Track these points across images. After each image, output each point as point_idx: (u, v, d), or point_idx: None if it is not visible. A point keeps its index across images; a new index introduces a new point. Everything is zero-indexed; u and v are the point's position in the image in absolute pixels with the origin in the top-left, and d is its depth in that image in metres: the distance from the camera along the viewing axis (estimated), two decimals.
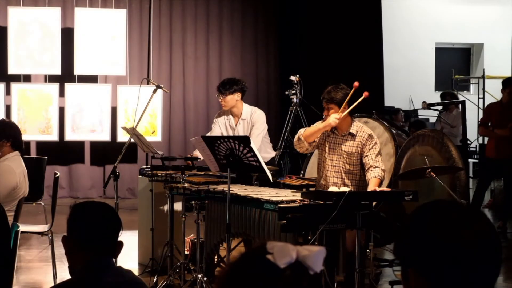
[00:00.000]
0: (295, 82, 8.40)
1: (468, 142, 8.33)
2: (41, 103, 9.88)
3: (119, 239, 2.51)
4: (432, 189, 5.32)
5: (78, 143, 10.24)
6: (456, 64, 15.06)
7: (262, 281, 1.16)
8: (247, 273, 1.18)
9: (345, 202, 3.99)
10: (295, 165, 8.53)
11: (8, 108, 9.82)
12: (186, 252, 5.55)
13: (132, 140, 5.57)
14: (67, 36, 10.02)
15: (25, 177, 4.88)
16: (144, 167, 6.56)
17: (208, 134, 6.02)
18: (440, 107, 10.65)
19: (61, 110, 9.94)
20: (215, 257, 5.45)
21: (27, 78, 10.07)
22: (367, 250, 5.10)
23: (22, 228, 5.05)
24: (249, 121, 5.99)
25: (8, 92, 9.81)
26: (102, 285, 2.40)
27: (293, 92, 8.48)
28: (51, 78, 10.02)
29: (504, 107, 7.88)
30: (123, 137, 9.77)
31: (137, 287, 2.48)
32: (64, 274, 5.35)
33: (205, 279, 4.94)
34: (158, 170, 5.59)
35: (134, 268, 5.91)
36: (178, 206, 5.58)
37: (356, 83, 4.74)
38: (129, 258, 6.08)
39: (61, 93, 9.93)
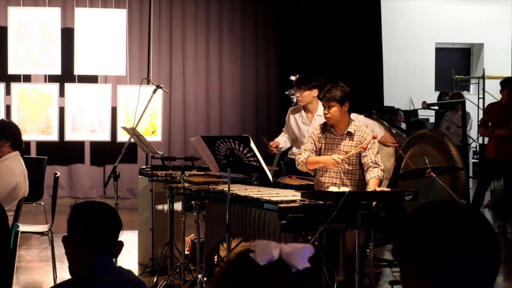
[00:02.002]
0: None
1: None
2: (41, 103, 9.88)
3: (119, 239, 2.51)
4: (432, 189, 5.32)
5: (78, 143, 10.24)
6: (456, 64, 15.06)
7: (244, 278, 1.18)
8: (233, 271, 1.20)
9: (345, 202, 3.99)
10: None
11: (8, 108, 9.83)
12: (186, 252, 5.55)
13: (132, 140, 5.57)
14: (67, 36, 10.02)
15: (25, 177, 4.87)
16: (144, 167, 6.56)
17: (284, 130, 6.10)
18: (441, 107, 10.63)
19: (61, 110, 9.95)
20: (215, 257, 5.45)
21: (27, 78, 10.07)
22: (367, 250, 5.11)
23: (22, 228, 5.05)
24: None
25: (8, 92, 9.81)
26: (102, 285, 2.40)
27: (293, 92, 8.46)
28: (51, 78, 10.02)
29: (504, 107, 7.89)
30: (123, 137, 9.77)
31: (137, 287, 2.48)
32: (64, 274, 5.35)
33: (205, 279, 4.94)
34: (158, 170, 5.59)
35: (134, 268, 5.91)
36: (178, 206, 5.58)
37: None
38: (129, 258, 6.08)
39: (61, 93, 9.94)
